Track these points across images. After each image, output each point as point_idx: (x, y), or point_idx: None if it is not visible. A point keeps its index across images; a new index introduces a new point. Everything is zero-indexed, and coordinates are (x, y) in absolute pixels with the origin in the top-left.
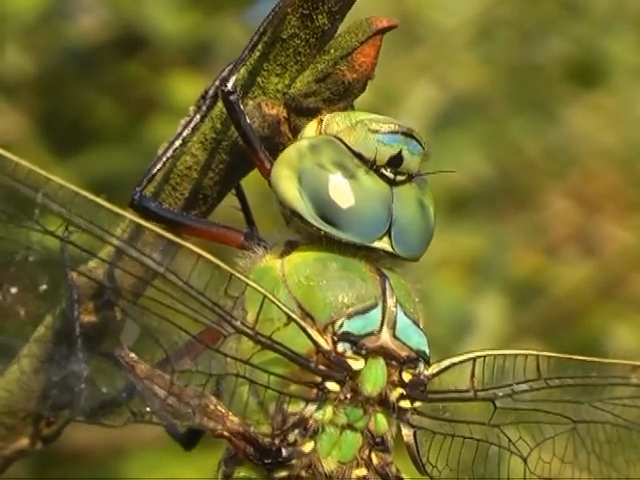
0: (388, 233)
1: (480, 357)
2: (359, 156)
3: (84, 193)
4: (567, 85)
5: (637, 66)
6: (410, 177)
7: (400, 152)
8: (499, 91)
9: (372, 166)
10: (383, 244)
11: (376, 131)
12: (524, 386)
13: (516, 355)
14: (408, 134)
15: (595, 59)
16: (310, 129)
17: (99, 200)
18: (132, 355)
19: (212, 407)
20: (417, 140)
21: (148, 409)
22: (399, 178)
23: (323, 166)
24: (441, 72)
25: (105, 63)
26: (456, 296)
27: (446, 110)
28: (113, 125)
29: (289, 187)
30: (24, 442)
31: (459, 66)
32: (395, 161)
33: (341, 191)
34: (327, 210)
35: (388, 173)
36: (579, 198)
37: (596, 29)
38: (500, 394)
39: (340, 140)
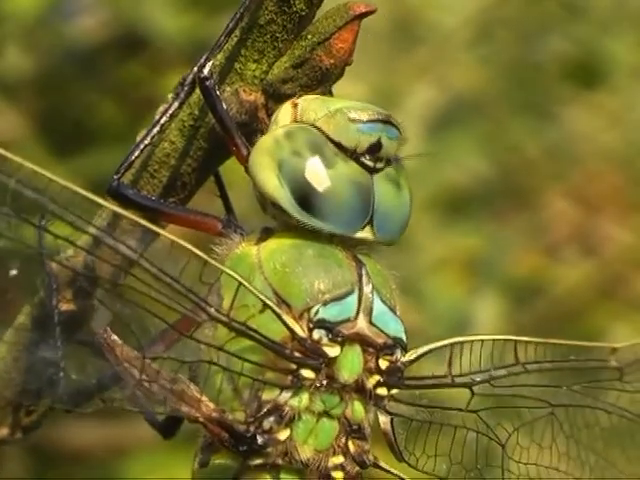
0: (370, 222)
1: (458, 343)
2: (339, 145)
3: (59, 180)
4: (567, 85)
5: (638, 66)
6: (388, 162)
7: (379, 139)
8: (499, 91)
9: (352, 155)
10: (365, 234)
11: (356, 120)
12: (502, 371)
13: (494, 340)
14: (386, 120)
15: (596, 59)
16: (285, 113)
17: (75, 187)
18: (113, 337)
19: (187, 392)
20: (395, 125)
21: (118, 395)
22: (378, 165)
23: (303, 155)
24: (441, 72)
25: (105, 63)
26: (455, 296)
27: (446, 110)
28: (113, 125)
29: (269, 177)
30: (4, 432)
31: (459, 66)
32: (375, 149)
33: (322, 181)
34: (309, 201)
35: (368, 161)
36: (579, 198)
37: (597, 29)
38: (478, 379)
39: (318, 128)
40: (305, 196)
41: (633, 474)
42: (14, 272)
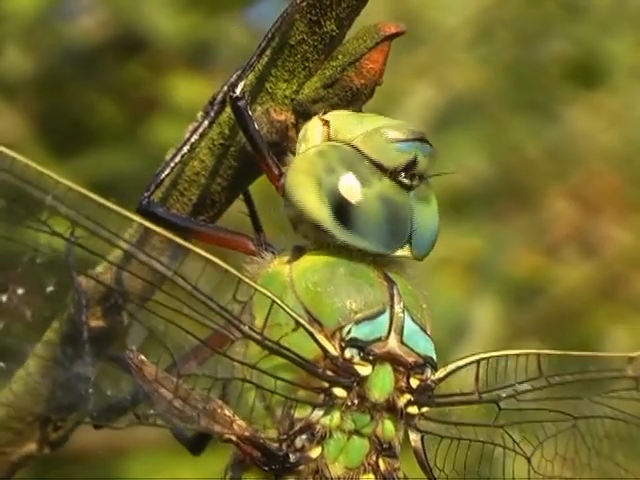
0: (409, 241)
1: (484, 359)
2: (377, 165)
3: (93, 196)
4: (567, 85)
5: (638, 66)
6: (422, 179)
7: (416, 157)
8: (499, 91)
9: (389, 174)
10: (404, 252)
11: (394, 140)
12: (526, 385)
13: (517, 355)
14: (421, 138)
15: (596, 59)
16: (315, 131)
17: (108, 203)
18: (141, 357)
19: (219, 411)
20: (428, 142)
21: (152, 412)
22: (415, 183)
23: (342, 176)
24: (441, 72)
25: (105, 64)
26: (455, 296)
27: (446, 110)
28: (113, 125)
29: (309, 196)
30: (32, 447)
31: (459, 66)
32: (411, 167)
33: (363, 201)
34: (351, 221)
35: (405, 179)
36: (579, 198)
37: (597, 29)
38: (504, 395)
39: (355, 148)
40: (346, 215)
41: None
42: (50, 289)
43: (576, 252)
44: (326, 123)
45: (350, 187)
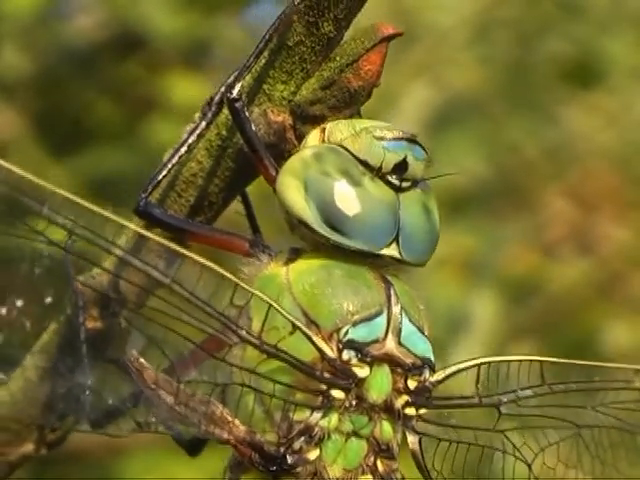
0: (396, 240)
1: (485, 363)
2: (364, 164)
3: (89, 205)
4: (565, 85)
5: (636, 66)
6: (415, 183)
7: (405, 158)
8: (497, 91)
9: (378, 173)
10: (391, 251)
11: (381, 138)
12: (528, 392)
13: (520, 361)
14: (412, 140)
15: (594, 59)
16: (313, 138)
17: (104, 211)
18: (141, 360)
19: (218, 414)
20: (420, 146)
21: (153, 418)
22: (404, 184)
23: (329, 175)
24: (439, 72)
25: (103, 63)
26: (453, 295)
27: (444, 110)
28: (111, 124)
29: (296, 197)
30: (29, 447)
31: (457, 66)
32: (400, 168)
33: (348, 199)
34: (335, 219)
35: (394, 180)
36: (577, 197)
37: (595, 29)
38: (505, 400)
39: (345, 148)
40: (331, 214)
41: None
42: (44, 296)
43: (574, 250)
44: (323, 130)
45: (334, 185)
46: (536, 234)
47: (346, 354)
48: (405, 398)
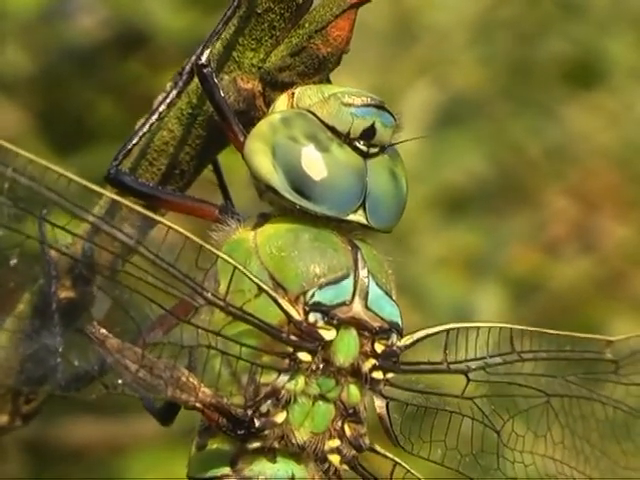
0: (362, 205)
1: (454, 329)
2: (332, 129)
3: (56, 168)
4: (566, 85)
5: (636, 66)
6: (383, 149)
7: (373, 124)
8: (498, 91)
9: (345, 139)
10: (358, 217)
11: (349, 104)
12: (497, 359)
13: (490, 328)
14: (380, 106)
15: (594, 59)
16: (281, 103)
17: (73, 176)
18: (102, 330)
19: (184, 379)
20: (389, 112)
21: (120, 381)
22: (372, 150)
23: (296, 139)
24: (440, 72)
25: (105, 61)
26: (455, 294)
27: (445, 110)
28: (113, 122)
29: (263, 161)
30: (3, 419)
31: (458, 66)
32: (368, 133)
33: (315, 164)
34: (301, 183)
35: (361, 146)
36: (578, 196)
37: (595, 29)
38: (473, 366)
39: (313, 113)
40: (298, 179)
41: (627, 466)
42: (14, 261)
43: (575, 249)
44: (292, 95)
45: (301, 150)
46: (538, 232)
47: (312, 317)
48: (372, 362)
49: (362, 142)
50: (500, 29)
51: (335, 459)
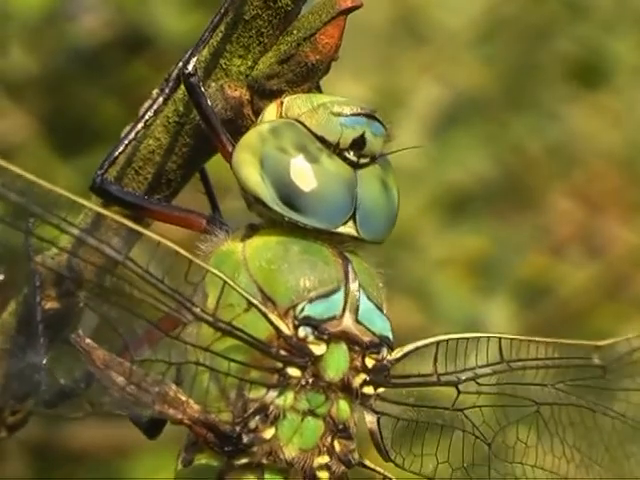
0: (353, 217)
1: (443, 341)
2: (321, 139)
3: (42, 182)
4: (570, 85)
5: None
6: (373, 159)
7: (363, 135)
8: (502, 91)
9: (335, 149)
10: (348, 229)
11: (339, 114)
12: (487, 369)
13: (478, 338)
14: (371, 116)
15: (598, 59)
16: (270, 112)
17: (57, 188)
18: (88, 341)
19: (172, 394)
20: (379, 121)
21: (107, 399)
22: (362, 161)
23: (285, 150)
24: (445, 72)
25: (109, 63)
26: (462, 297)
27: (450, 110)
28: (117, 125)
29: (251, 172)
30: None
31: (463, 66)
32: (358, 144)
33: (304, 176)
34: (290, 196)
35: (351, 156)
36: (583, 198)
37: (599, 29)
38: (463, 378)
39: (302, 123)
40: (287, 191)
41: (617, 473)
42: (1, 277)
43: (581, 252)
44: (281, 104)
45: (290, 161)
46: (543, 234)
47: (302, 331)
48: (363, 377)
49: (352, 152)
50: (504, 29)
51: (324, 476)
